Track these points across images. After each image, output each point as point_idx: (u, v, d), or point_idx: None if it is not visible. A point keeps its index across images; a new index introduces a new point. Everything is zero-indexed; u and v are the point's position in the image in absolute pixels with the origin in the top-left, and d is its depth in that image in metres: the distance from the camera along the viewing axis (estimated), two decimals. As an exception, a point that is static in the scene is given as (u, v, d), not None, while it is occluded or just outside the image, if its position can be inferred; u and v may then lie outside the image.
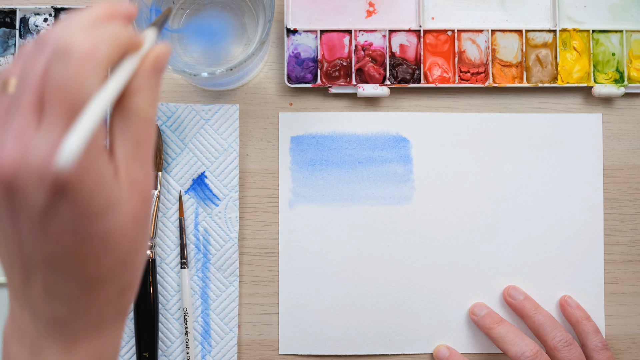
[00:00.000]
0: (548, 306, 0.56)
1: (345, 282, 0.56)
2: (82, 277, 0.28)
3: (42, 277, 0.28)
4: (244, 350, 0.56)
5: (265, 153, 0.57)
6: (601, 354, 0.52)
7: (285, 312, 0.56)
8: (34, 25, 0.56)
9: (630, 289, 0.57)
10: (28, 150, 0.25)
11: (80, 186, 0.26)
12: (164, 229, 0.56)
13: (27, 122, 0.26)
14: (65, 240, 0.27)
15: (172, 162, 0.56)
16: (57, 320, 0.29)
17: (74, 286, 0.28)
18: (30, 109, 0.26)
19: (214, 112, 0.56)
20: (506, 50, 0.57)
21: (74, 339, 0.29)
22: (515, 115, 0.57)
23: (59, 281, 0.28)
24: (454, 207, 0.56)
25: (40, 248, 0.27)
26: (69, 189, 0.26)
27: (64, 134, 0.25)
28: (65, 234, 0.27)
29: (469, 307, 0.56)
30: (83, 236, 0.27)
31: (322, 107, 0.57)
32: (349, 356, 0.56)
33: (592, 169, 0.57)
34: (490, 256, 0.56)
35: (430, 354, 0.56)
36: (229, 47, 0.54)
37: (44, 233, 0.27)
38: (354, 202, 0.56)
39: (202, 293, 0.55)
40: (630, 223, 0.57)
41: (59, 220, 0.26)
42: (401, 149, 0.56)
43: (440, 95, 0.57)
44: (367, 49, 0.56)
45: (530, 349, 0.51)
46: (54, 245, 0.27)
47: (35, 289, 0.28)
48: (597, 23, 0.57)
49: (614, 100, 0.57)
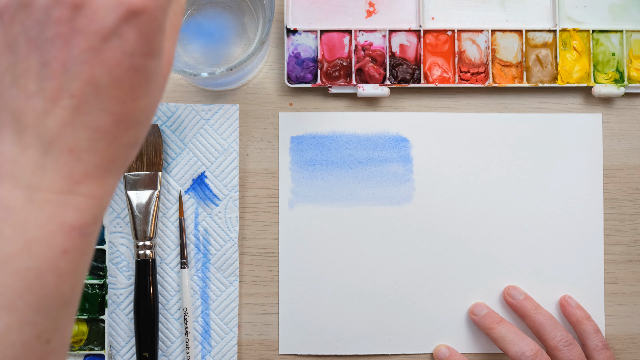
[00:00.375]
0: (548, 306, 0.56)
1: (345, 282, 0.56)
2: (118, 111, 0.28)
3: (75, 104, 0.28)
4: (244, 350, 0.56)
5: (265, 153, 0.57)
6: (602, 354, 0.52)
7: (285, 312, 0.56)
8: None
9: (630, 289, 0.57)
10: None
11: (152, 17, 0.27)
12: (164, 229, 0.56)
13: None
14: (118, 67, 0.27)
15: (172, 162, 0.56)
16: (73, 151, 0.28)
17: (105, 118, 0.28)
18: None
19: (214, 112, 0.56)
20: (506, 50, 0.57)
21: (82, 174, 0.29)
22: (515, 115, 0.57)
23: (93, 110, 0.28)
24: (454, 207, 0.56)
25: (90, 71, 0.27)
26: (141, 16, 0.27)
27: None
28: (120, 61, 0.27)
29: (469, 307, 0.56)
30: (135, 68, 0.28)
31: (322, 107, 0.57)
32: (349, 356, 0.56)
33: (592, 169, 0.57)
34: (490, 256, 0.56)
35: (430, 354, 0.56)
36: (229, 47, 0.54)
37: (99, 56, 0.27)
38: (354, 202, 0.56)
39: (202, 293, 0.55)
40: (630, 223, 0.57)
41: (120, 45, 0.27)
42: (401, 149, 0.56)
43: (440, 95, 0.57)
44: (367, 49, 0.56)
45: (531, 348, 0.51)
46: (106, 71, 0.27)
47: (59, 116, 0.28)
48: (597, 23, 0.57)
49: (614, 100, 0.57)
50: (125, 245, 0.55)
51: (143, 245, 0.54)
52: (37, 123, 0.28)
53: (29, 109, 0.28)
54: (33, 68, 0.28)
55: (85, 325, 0.55)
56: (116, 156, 0.29)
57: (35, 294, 0.28)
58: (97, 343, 0.55)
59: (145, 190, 0.54)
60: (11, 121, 0.28)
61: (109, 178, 0.30)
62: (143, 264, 0.54)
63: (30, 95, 0.28)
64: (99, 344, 0.55)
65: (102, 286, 0.55)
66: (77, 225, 0.29)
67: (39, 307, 0.28)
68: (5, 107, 0.29)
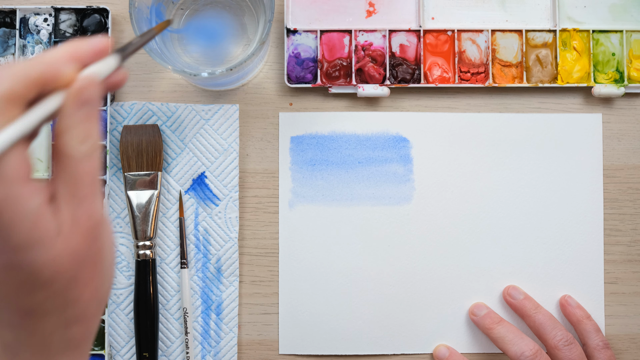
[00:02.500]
0: (548, 306, 0.56)
1: (345, 282, 0.56)
2: (17, 307, 0.28)
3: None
4: (244, 350, 0.56)
5: (265, 153, 0.57)
6: (602, 353, 0.52)
7: (285, 312, 0.56)
8: (34, 25, 0.56)
9: (630, 289, 0.57)
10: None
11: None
12: (164, 229, 0.56)
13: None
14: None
15: (172, 162, 0.56)
16: (7, 347, 0.28)
17: (11, 314, 0.28)
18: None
19: (214, 112, 0.56)
20: (506, 50, 0.57)
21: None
22: (515, 115, 0.57)
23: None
24: (453, 207, 0.56)
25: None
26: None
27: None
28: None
29: (469, 307, 0.56)
30: (9, 267, 0.27)
31: (322, 107, 0.57)
32: (349, 356, 0.56)
33: (592, 169, 0.57)
34: (490, 256, 0.56)
35: (430, 354, 0.56)
36: (229, 47, 0.54)
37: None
38: (354, 202, 0.56)
39: (202, 293, 0.55)
40: (630, 223, 0.57)
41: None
42: (401, 149, 0.56)
43: (440, 95, 0.57)
44: (367, 49, 0.56)
45: (530, 348, 0.51)
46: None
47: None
48: (597, 23, 0.57)
49: (614, 100, 0.57)
50: (125, 245, 0.55)
51: (143, 245, 0.54)
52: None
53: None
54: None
55: (85, 325, 0.55)
56: (48, 344, 0.29)
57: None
58: (97, 343, 0.55)
59: (145, 190, 0.54)
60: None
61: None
62: (143, 264, 0.54)
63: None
64: (99, 344, 0.55)
65: (102, 286, 0.55)
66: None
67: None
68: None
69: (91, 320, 0.31)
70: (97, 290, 0.30)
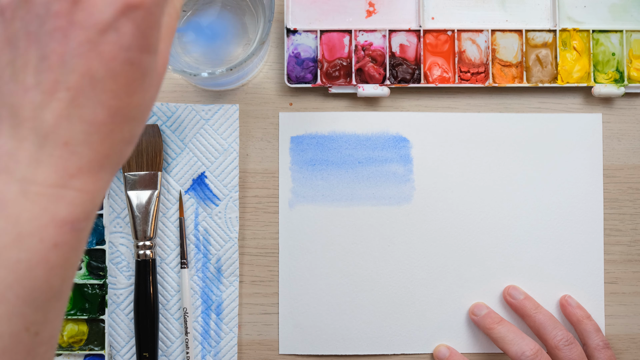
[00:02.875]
0: (548, 306, 0.56)
1: (345, 282, 0.56)
2: (113, 105, 0.29)
3: (71, 96, 0.28)
4: (244, 350, 0.56)
5: (265, 153, 0.57)
6: (602, 353, 0.52)
7: (285, 312, 0.56)
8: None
9: (630, 289, 0.57)
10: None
11: (148, 12, 0.28)
12: (164, 229, 0.56)
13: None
14: (114, 61, 0.28)
15: (172, 162, 0.56)
16: (68, 145, 0.28)
17: (101, 112, 0.28)
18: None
19: (214, 112, 0.56)
20: (506, 50, 0.57)
21: (77, 169, 0.29)
22: (515, 115, 0.57)
23: (89, 103, 0.28)
24: (453, 207, 0.56)
25: (86, 64, 0.28)
26: (137, 10, 0.28)
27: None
28: (117, 54, 0.28)
29: (469, 307, 0.56)
30: (131, 62, 0.28)
31: (322, 107, 0.57)
32: (349, 356, 0.56)
33: (592, 169, 0.57)
34: (490, 256, 0.56)
35: (430, 354, 0.56)
36: (229, 47, 0.54)
37: (96, 49, 0.28)
38: (354, 202, 0.56)
39: (202, 293, 0.55)
40: (630, 223, 0.57)
41: (116, 39, 0.28)
42: (401, 149, 0.56)
43: (440, 95, 0.57)
44: (367, 49, 0.56)
45: (531, 348, 0.51)
46: (102, 64, 0.28)
47: (55, 109, 0.28)
48: (597, 23, 0.57)
49: (614, 100, 0.57)
50: (125, 245, 0.55)
51: (143, 245, 0.54)
52: (34, 116, 0.28)
53: (26, 103, 0.28)
54: (32, 62, 0.28)
55: (85, 325, 0.55)
56: (111, 152, 0.30)
57: (25, 286, 0.28)
58: (97, 343, 0.55)
59: (145, 190, 0.54)
60: (9, 115, 0.29)
61: (102, 174, 0.30)
62: (143, 264, 0.54)
63: (28, 89, 0.28)
64: (99, 344, 0.55)
65: (102, 286, 0.55)
66: (68, 220, 0.29)
67: (29, 299, 0.28)
68: (3, 102, 0.29)
69: (134, 145, 0.32)
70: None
